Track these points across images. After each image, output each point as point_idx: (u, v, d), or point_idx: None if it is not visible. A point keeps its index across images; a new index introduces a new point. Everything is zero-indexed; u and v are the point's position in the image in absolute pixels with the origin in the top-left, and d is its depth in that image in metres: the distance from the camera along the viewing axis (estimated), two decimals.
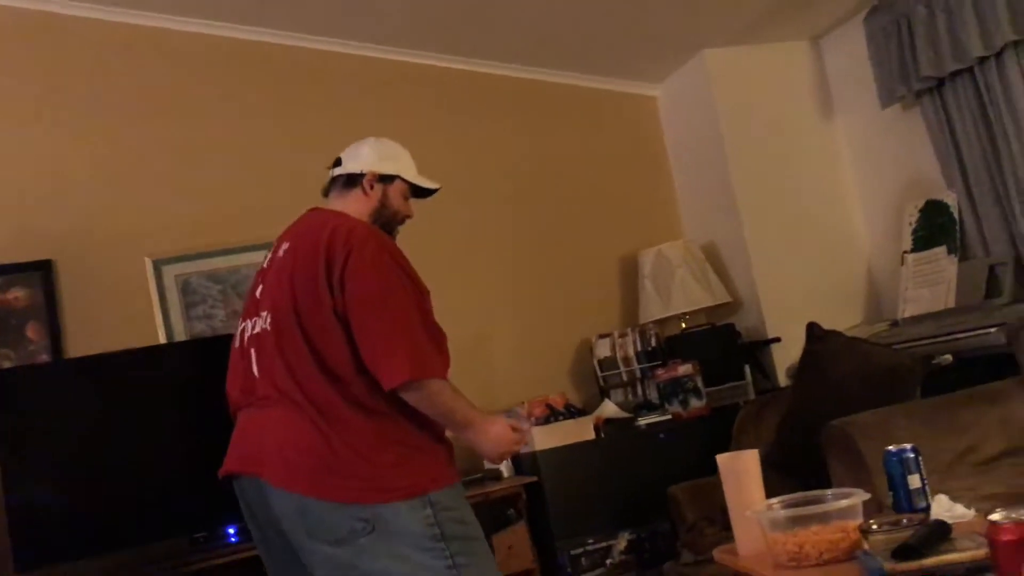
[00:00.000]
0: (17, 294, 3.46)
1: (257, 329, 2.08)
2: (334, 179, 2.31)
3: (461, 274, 4.00)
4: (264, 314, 2.06)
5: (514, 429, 2.11)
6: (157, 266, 3.63)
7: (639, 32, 3.89)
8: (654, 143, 4.41)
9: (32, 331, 3.46)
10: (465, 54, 4.10)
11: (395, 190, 2.30)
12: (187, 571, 3.01)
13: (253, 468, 2.00)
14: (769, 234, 3.97)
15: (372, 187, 2.26)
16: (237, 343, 2.17)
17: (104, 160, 3.65)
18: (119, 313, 3.54)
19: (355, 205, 2.23)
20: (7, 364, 3.37)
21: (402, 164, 2.33)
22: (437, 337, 2.02)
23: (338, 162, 2.33)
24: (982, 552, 1.47)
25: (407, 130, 3.95)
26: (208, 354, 3.36)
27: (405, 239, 3.91)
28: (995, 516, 1.17)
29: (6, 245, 3.46)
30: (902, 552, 1.52)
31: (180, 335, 3.61)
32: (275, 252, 2.16)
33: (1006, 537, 1.15)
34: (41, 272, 3.49)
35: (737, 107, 4.04)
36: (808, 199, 4.05)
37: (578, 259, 4.18)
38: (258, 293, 2.14)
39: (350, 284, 1.95)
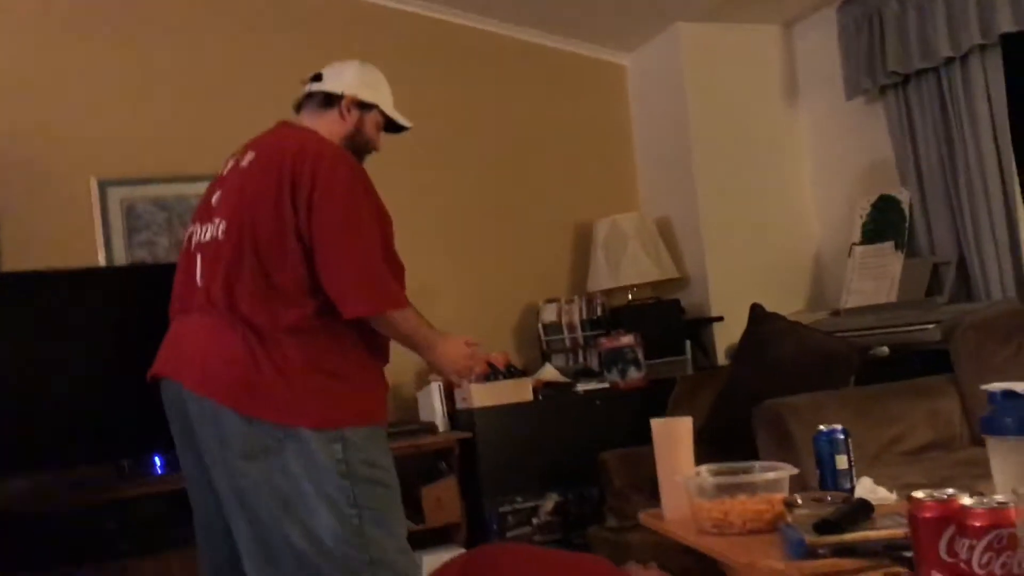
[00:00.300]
0: None
1: (207, 237, 2.01)
2: (310, 95, 2.24)
3: (411, 221, 3.91)
4: (218, 221, 2.00)
5: (467, 344, 2.12)
6: (103, 187, 3.53)
7: None
8: (619, 112, 4.40)
9: None
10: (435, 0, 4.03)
11: (371, 119, 2.26)
12: (111, 498, 2.97)
13: (175, 371, 1.97)
14: (723, 214, 4.00)
15: (349, 111, 2.21)
16: (185, 246, 2.11)
17: (59, 71, 3.54)
18: (59, 231, 3.45)
19: (329, 126, 2.18)
20: None
21: (382, 94, 2.29)
22: (397, 268, 2.03)
23: (317, 77, 2.25)
24: (901, 531, 1.51)
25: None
26: (148, 282, 3.29)
27: (369, 164, 3.89)
28: (918, 493, 1.19)
29: None
30: (824, 526, 1.55)
31: (120, 260, 3.53)
32: (238, 160, 2.08)
33: (927, 514, 1.17)
34: None
35: (705, 84, 4.04)
36: (764, 183, 4.08)
37: (532, 221, 4.17)
38: (214, 200, 2.07)
39: (319, 207, 1.91)
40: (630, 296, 4.03)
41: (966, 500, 1.13)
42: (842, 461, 1.98)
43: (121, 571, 2.89)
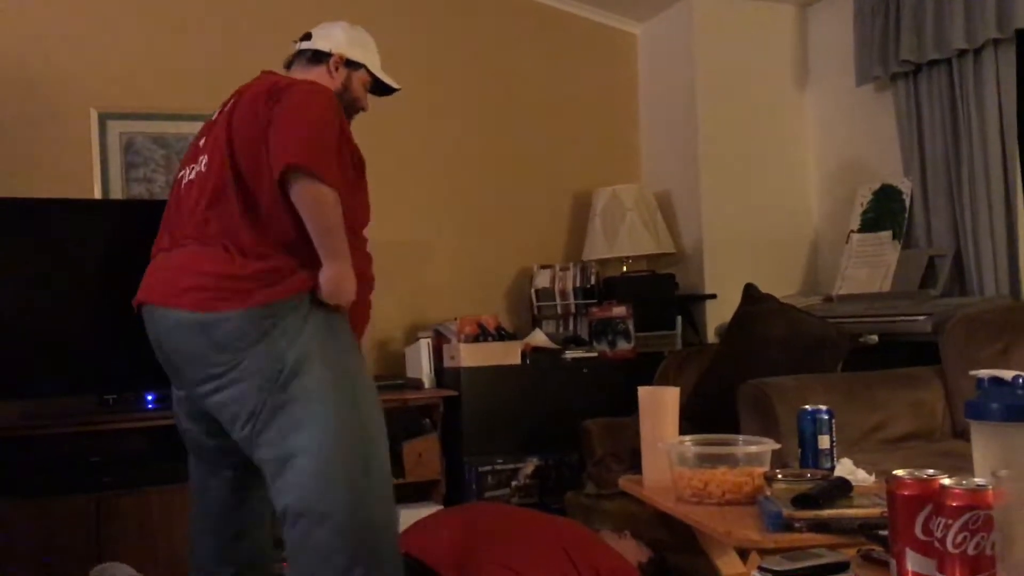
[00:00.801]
0: None
1: (192, 175, 2.02)
2: (299, 52, 2.27)
3: (411, 177, 3.95)
4: (202, 158, 2.01)
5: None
6: (103, 119, 3.51)
7: None
8: (626, 82, 4.37)
9: None
10: None
11: (358, 78, 2.28)
12: (94, 430, 2.98)
13: (152, 296, 1.97)
14: (723, 192, 3.99)
15: (337, 69, 2.24)
16: (173, 190, 2.11)
17: (65, 1, 3.49)
18: (56, 160, 3.43)
19: (317, 82, 2.16)
20: None
21: (370, 54, 2.31)
22: (353, 160, 1.99)
23: (307, 36, 2.28)
24: (877, 511, 1.53)
25: (368, 21, 3.87)
26: (143, 217, 3.27)
27: (361, 128, 3.87)
28: (899, 472, 1.20)
29: None
30: (802, 500, 1.56)
31: (117, 194, 3.51)
32: (224, 106, 2.09)
33: (905, 491, 1.18)
34: None
35: (716, 60, 4.01)
36: (767, 164, 4.07)
37: (532, 185, 4.15)
38: (201, 143, 2.07)
39: (282, 102, 1.89)
40: (624, 268, 4.03)
41: (945, 480, 1.14)
42: (824, 441, 2.00)
43: (99, 503, 2.90)
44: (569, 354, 3.73)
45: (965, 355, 2.87)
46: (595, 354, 3.74)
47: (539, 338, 3.79)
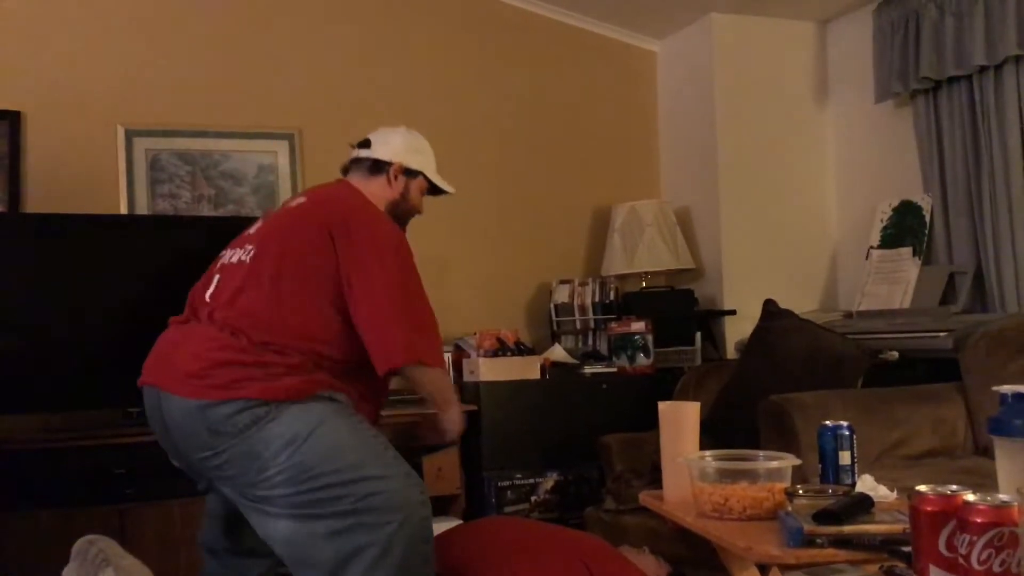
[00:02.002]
0: None
1: (234, 260, 2.06)
2: (358, 159, 2.29)
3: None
4: (249, 248, 2.05)
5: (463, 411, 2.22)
6: (129, 136, 3.56)
7: None
8: (646, 99, 4.39)
9: None
10: None
11: (416, 185, 2.32)
12: (118, 443, 3.01)
13: (156, 380, 1.97)
14: (743, 208, 4.00)
15: (396, 178, 2.27)
16: (210, 268, 2.15)
17: (92, 20, 3.56)
18: (83, 177, 3.48)
19: (376, 192, 2.23)
20: None
21: (427, 161, 2.36)
22: (431, 322, 2.07)
23: (366, 143, 2.30)
24: (899, 527, 1.53)
25: (391, 41, 3.94)
26: (167, 233, 3.34)
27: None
28: (921, 487, 1.20)
29: None
30: (823, 516, 1.56)
31: (142, 209, 3.55)
32: (288, 202, 2.17)
33: (928, 507, 1.18)
34: (8, 122, 3.41)
35: (734, 77, 4.03)
36: (787, 180, 4.07)
37: (551, 201, 4.18)
38: (253, 230, 2.12)
39: (360, 262, 1.95)
40: (644, 283, 4.04)
41: (969, 496, 1.14)
42: (845, 457, 2.00)
43: (122, 514, 2.93)
44: (588, 369, 3.74)
45: (986, 371, 2.86)
46: (614, 369, 3.74)
47: (558, 353, 3.80)
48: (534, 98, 4.19)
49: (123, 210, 3.52)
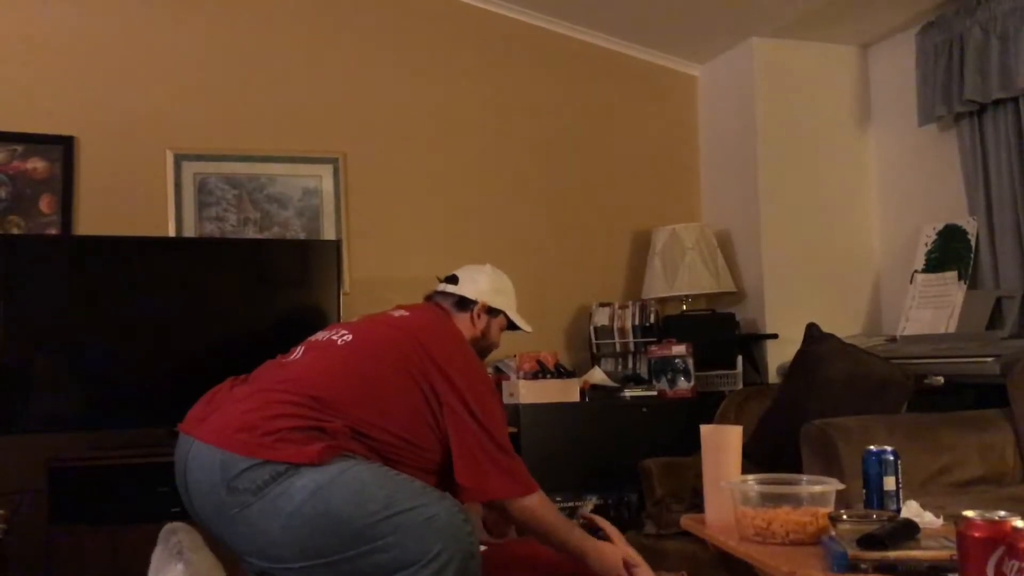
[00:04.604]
0: (36, 164, 3.48)
1: (323, 338, 2.10)
2: (444, 293, 2.36)
3: (472, 214, 4.03)
4: (343, 332, 2.10)
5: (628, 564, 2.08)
6: (178, 160, 3.64)
7: (691, 8, 3.87)
8: (687, 123, 4.40)
9: (45, 203, 3.48)
10: (513, 1, 4.08)
11: (497, 323, 2.40)
12: (161, 461, 3.05)
13: (192, 426, 1.95)
14: (784, 231, 3.98)
15: (480, 316, 2.34)
16: (292, 351, 2.15)
17: (143, 48, 3.66)
18: (133, 200, 3.57)
19: (461, 328, 2.28)
20: (16, 231, 3.40)
21: (509, 300, 2.43)
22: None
23: (453, 279, 2.37)
24: (946, 553, 1.51)
25: (435, 67, 4.00)
26: (214, 255, 3.40)
27: (425, 169, 3.95)
28: (968, 513, 1.19)
29: (31, 115, 3.48)
30: (867, 541, 1.55)
31: (190, 232, 3.63)
32: (388, 312, 2.25)
33: (976, 533, 1.17)
34: (62, 147, 3.52)
35: (776, 101, 4.03)
36: (829, 203, 4.05)
37: (592, 224, 4.20)
38: (353, 321, 2.20)
39: (459, 390, 2.00)
40: (684, 306, 4.03)
41: (1018, 522, 1.13)
42: (890, 482, 1.97)
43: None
44: (628, 392, 3.73)
45: None
46: (654, 393, 3.73)
47: (598, 376, 3.80)
48: (576, 122, 4.22)
49: (171, 232, 3.60)
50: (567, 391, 3.61)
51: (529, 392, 3.55)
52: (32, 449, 3.07)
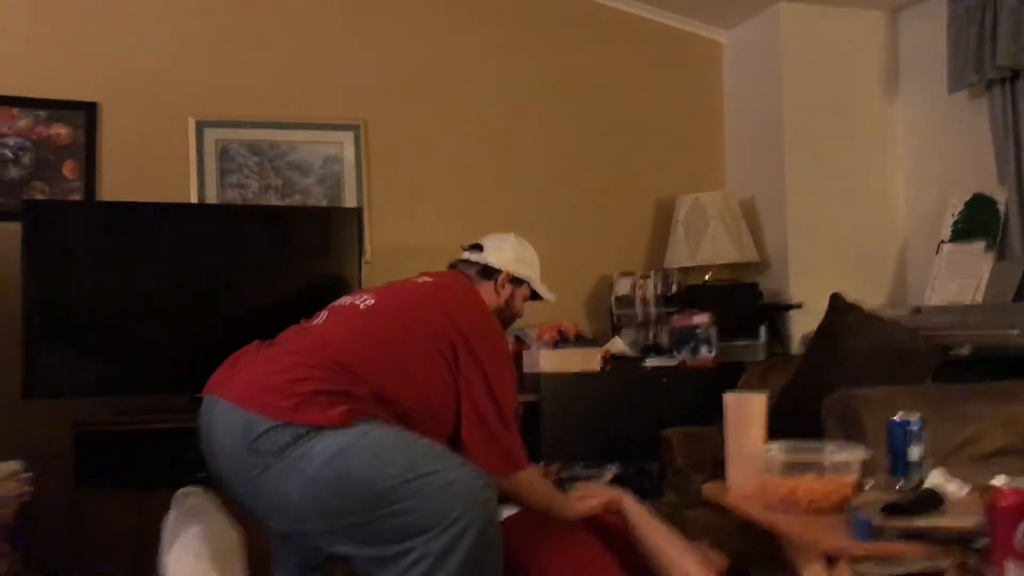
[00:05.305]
0: (59, 131, 3.49)
1: (346, 303, 2.11)
2: (468, 262, 2.37)
3: (492, 183, 4.01)
4: (366, 297, 2.10)
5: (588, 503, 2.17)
6: (200, 127, 3.64)
7: None
8: (712, 90, 4.34)
9: (69, 170, 3.49)
10: None
11: (521, 293, 2.41)
12: (186, 427, 3.07)
13: (216, 387, 1.97)
14: (809, 200, 3.94)
15: (504, 285, 2.35)
16: (315, 315, 2.17)
17: (165, 14, 3.64)
18: (155, 166, 3.57)
19: (485, 297, 2.29)
20: (41, 197, 3.42)
21: (533, 270, 2.44)
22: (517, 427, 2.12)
23: (477, 247, 2.38)
24: (971, 523, 1.49)
25: (455, 33, 3.97)
26: (237, 222, 3.41)
27: (442, 137, 3.92)
28: (997, 481, 1.18)
29: (54, 81, 3.48)
30: (893, 509, 1.54)
31: (212, 199, 3.63)
32: (413, 278, 2.25)
33: (1005, 502, 1.16)
34: (85, 112, 3.52)
35: (803, 67, 3.97)
36: (855, 172, 4.00)
37: (614, 193, 4.17)
38: (376, 288, 2.20)
39: (476, 367, 2.01)
40: (707, 276, 4.01)
41: None
42: (915, 452, 1.96)
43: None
44: (649, 362, 3.72)
45: None
46: (675, 363, 3.72)
47: (619, 345, 3.79)
48: (599, 88, 4.18)
49: (193, 199, 3.60)
50: (588, 360, 3.60)
51: (549, 361, 3.55)
52: (59, 414, 3.10)
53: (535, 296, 2.47)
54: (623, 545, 2.07)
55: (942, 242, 3.67)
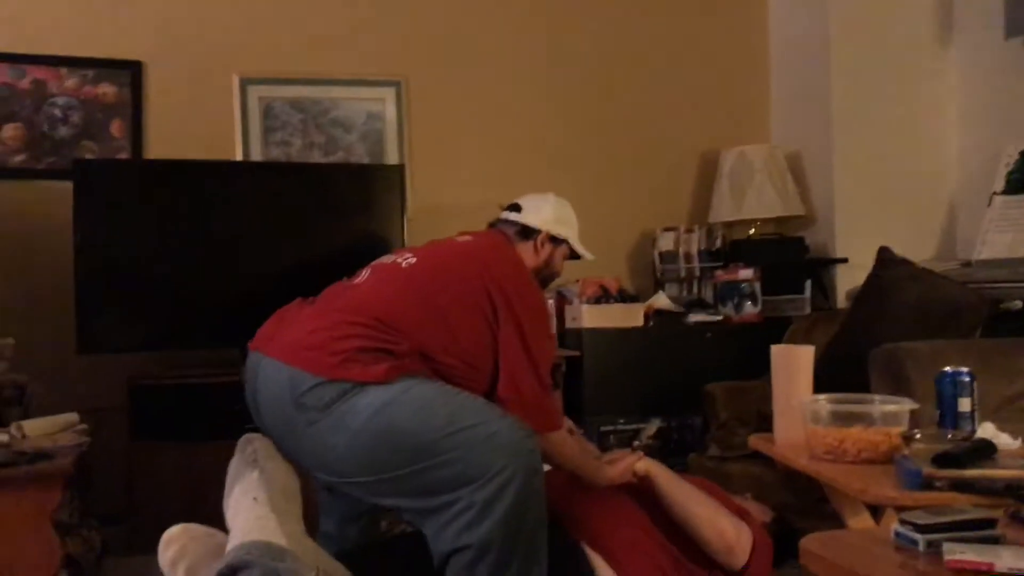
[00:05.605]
0: (106, 90, 3.53)
1: (388, 261, 2.12)
2: (507, 221, 2.37)
3: (536, 137, 3.98)
4: (408, 255, 2.11)
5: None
6: (244, 84, 3.66)
7: None
8: (757, 39, 4.26)
9: (116, 128, 3.54)
10: None
11: (560, 252, 2.41)
12: (234, 380, 3.12)
13: (261, 343, 2.00)
14: (857, 152, 3.86)
15: (543, 245, 2.35)
16: (359, 271, 2.19)
17: None
18: (200, 124, 3.60)
19: (524, 257, 2.29)
20: (90, 156, 3.47)
21: (572, 229, 2.43)
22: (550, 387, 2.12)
23: (516, 207, 2.38)
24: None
25: None
26: (281, 179, 3.43)
27: (481, 89, 3.88)
28: None
29: (100, 40, 3.51)
30: (943, 459, 1.52)
31: (256, 156, 3.66)
32: (453, 237, 2.26)
33: None
34: (131, 71, 3.55)
35: (852, 12, 3.86)
36: (905, 122, 3.91)
37: (657, 146, 4.12)
38: (419, 247, 2.21)
39: (513, 326, 2.02)
40: (752, 230, 3.97)
41: None
42: (965, 404, 1.94)
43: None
44: (692, 317, 3.70)
45: None
46: (719, 318, 3.70)
47: (662, 301, 3.78)
48: (641, 40, 4.12)
49: (238, 157, 3.63)
50: (630, 316, 3.60)
51: (592, 317, 3.55)
52: (113, 369, 3.18)
53: (574, 255, 2.47)
54: (651, 503, 2.08)
55: (994, 194, 3.59)
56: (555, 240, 2.37)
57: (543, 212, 2.36)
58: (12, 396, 2.77)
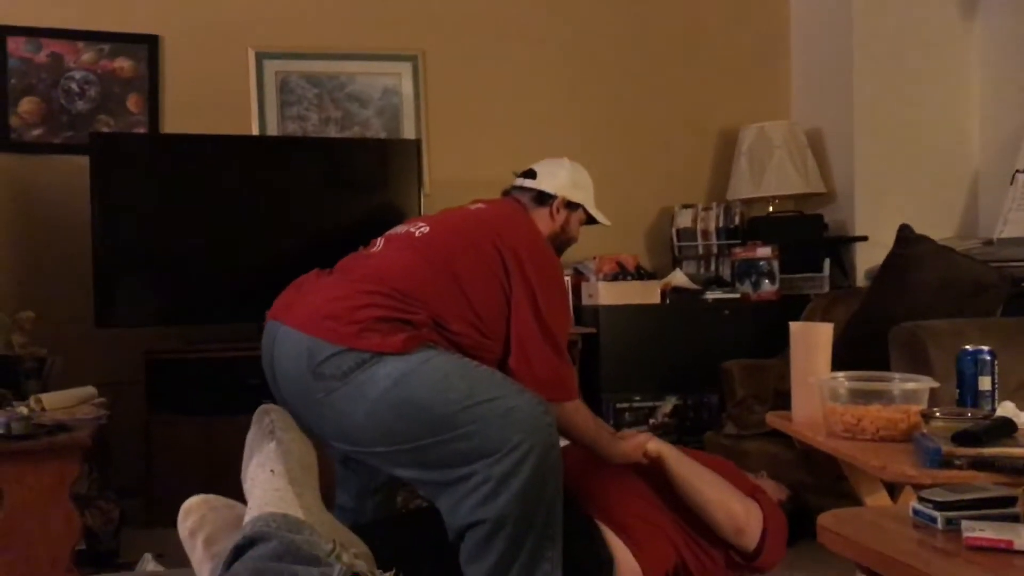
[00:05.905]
0: (123, 64, 3.53)
1: (402, 231, 2.10)
2: (522, 188, 2.33)
3: (554, 112, 3.96)
4: (421, 224, 2.09)
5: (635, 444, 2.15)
6: (260, 59, 3.65)
7: None
8: (778, 14, 4.20)
9: (133, 103, 3.54)
10: None
11: (576, 217, 2.37)
12: (252, 355, 3.14)
13: (279, 313, 1.98)
14: (878, 129, 3.82)
15: (559, 211, 2.31)
16: (373, 240, 2.17)
17: None
18: (217, 99, 3.59)
19: (540, 223, 2.26)
20: (107, 130, 3.47)
21: (588, 195, 2.39)
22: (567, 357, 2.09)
23: (531, 173, 2.34)
24: None
25: None
26: (298, 154, 3.43)
27: (498, 64, 3.85)
28: None
29: (117, 14, 3.51)
30: (962, 438, 1.51)
31: (272, 131, 3.66)
32: (466, 205, 2.24)
33: None
34: (147, 46, 3.55)
35: None
36: (928, 99, 3.86)
37: (675, 123, 4.09)
38: (431, 216, 2.18)
39: (526, 294, 1.99)
40: (771, 207, 3.94)
41: None
42: (985, 383, 1.92)
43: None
44: (710, 295, 3.69)
45: None
46: (737, 295, 3.68)
47: (679, 278, 3.76)
48: (660, 14, 4.08)
49: (254, 131, 3.63)
50: (647, 293, 3.59)
51: (609, 294, 3.54)
52: (131, 342, 3.20)
53: (591, 220, 2.44)
54: (663, 483, 2.07)
55: (1018, 171, 3.54)
56: (571, 205, 2.34)
57: (558, 177, 2.33)
58: (31, 369, 2.80)
